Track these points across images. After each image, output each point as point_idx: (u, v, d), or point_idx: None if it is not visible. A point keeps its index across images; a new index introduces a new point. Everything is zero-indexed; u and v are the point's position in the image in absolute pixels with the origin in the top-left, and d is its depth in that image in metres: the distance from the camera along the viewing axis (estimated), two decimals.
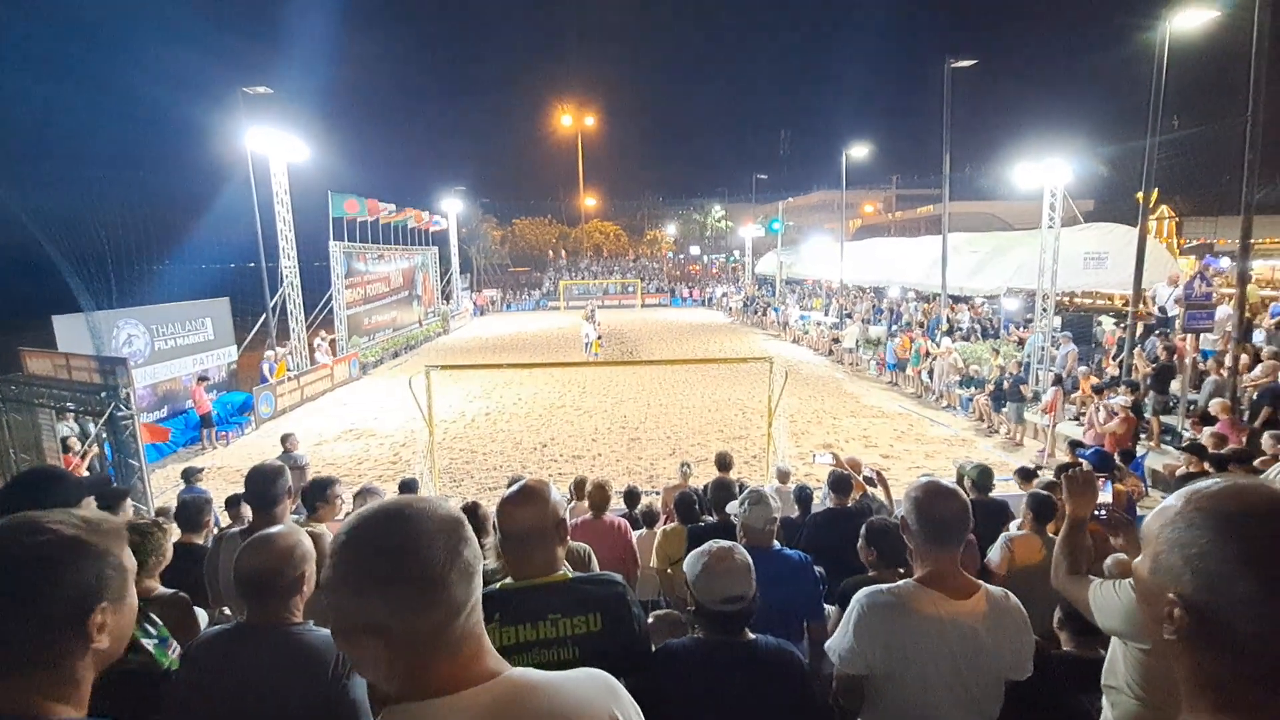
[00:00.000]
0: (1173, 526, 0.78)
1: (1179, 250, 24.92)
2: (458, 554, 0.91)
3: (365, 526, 0.90)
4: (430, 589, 0.88)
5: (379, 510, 0.93)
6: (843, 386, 16.25)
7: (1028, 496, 3.86)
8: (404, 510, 0.92)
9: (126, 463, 8.00)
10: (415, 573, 0.87)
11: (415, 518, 0.91)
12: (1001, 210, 38.03)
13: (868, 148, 26.52)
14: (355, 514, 0.93)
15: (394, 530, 0.89)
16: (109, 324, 11.98)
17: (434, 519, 0.92)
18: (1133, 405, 9.12)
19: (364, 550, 0.88)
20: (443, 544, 0.90)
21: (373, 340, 22.22)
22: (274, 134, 15.91)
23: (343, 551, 0.89)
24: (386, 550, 0.88)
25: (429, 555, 0.88)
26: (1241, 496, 0.75)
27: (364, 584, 0.87)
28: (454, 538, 0.92)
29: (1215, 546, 0.73)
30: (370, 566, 0.87)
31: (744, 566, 1.80)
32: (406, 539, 0.89)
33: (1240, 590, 0.71)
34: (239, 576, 1.88)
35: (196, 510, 4.08)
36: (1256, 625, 0.70)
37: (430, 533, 0.90)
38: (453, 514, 0.95)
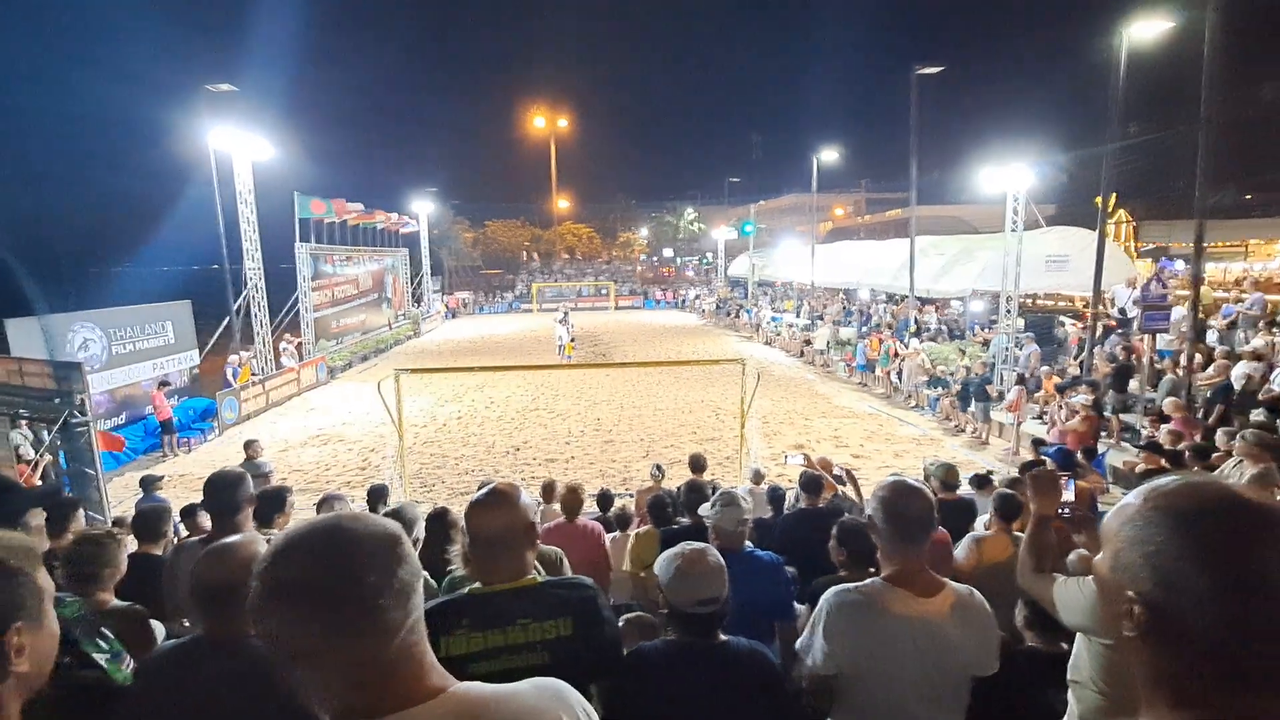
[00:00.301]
0: (1131, 524, 0.78)
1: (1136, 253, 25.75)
2: (392, 574, 0.86)
3: (292, 549, 0.85)
4: (363, 613, 0.83)
5: (307, 531, 0.88)
6: (814, 387, 16.42)
7: (993, 496, 3.94)
8: (333, 530, 0.87)
9: (82, 471, 7.72)
10: (346, 597, 0.83)
11: (345, 538, 0.86)
12: (967, 214, 38.86)
13: (838, 152, 26.97)
14: (282, 535, 0.89)
15: (323, 552, 0.85)
16: (64, 328, 11.56)
17: (366, 538, 0.87)
18: (1093, 404, 9.38)
19: (291, 575, 0.83)
20: (376, 565, 0.86)
21: (341, 344, 21.84)
22: (238, 133, 15.55)
23: (268, 576, 0.84)
24: (315, 574, 0.83)
25: (361, 578, 0.84)
26: (1197, 494, 0.76)
27: (292, 610, 0.82)
28: (388, 557, 0.87)
29: (1171, 544, 0.74)
30: (298, 592, 0.82)
31: (716, 569, 1.80)
32: (336, 561, 0.84)
33: (1195, 587, 0.71)
34: (197, 587, 1.81)
35: (155, 519, 3.94)
36: (1211, 622, 0.71)
37: (362, 554, 0.85)
38: (387, 531, 0.90)
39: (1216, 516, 0.73)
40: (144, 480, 7.17)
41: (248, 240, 16.12)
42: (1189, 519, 0.74)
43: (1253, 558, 0.70)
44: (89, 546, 2.68)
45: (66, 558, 2.66)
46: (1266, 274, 23.13)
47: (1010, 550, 3.67)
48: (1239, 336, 10.62)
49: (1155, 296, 9.43)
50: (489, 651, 1.55)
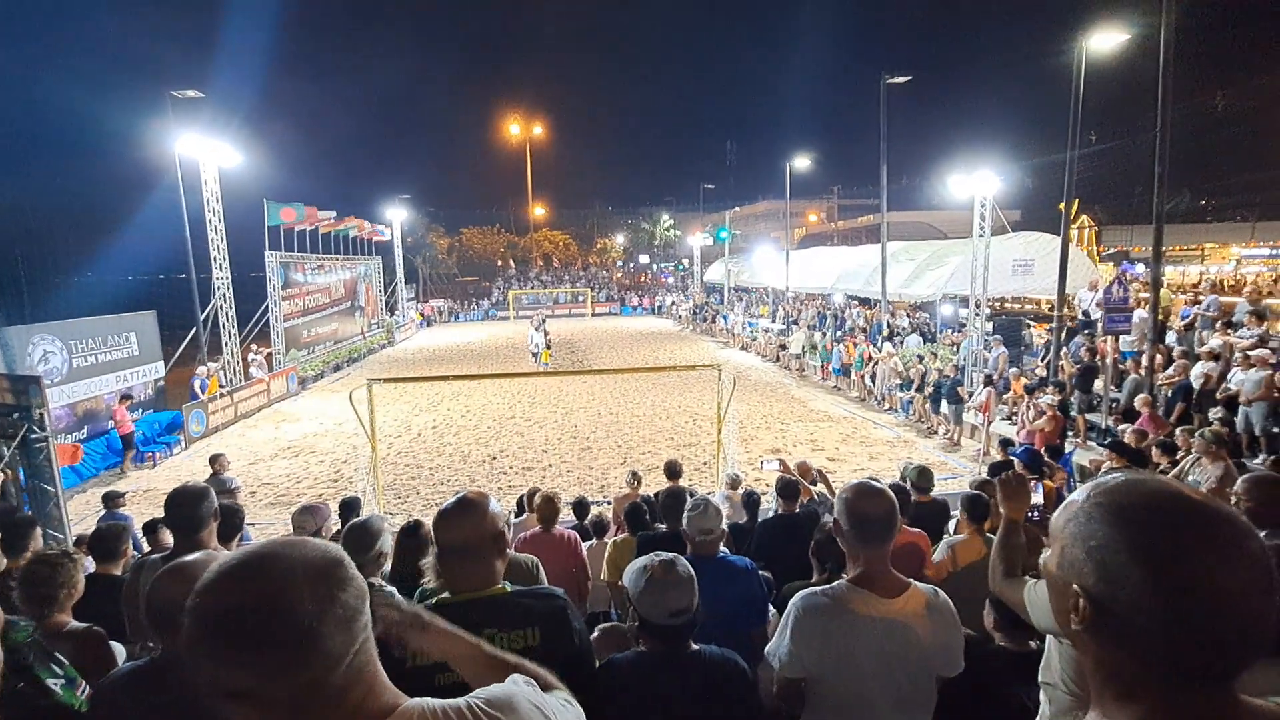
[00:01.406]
0: (1075, 520, 0.80)
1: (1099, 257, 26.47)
2: (332, 600, 0.82)
3: (221, 582, 0.80)
4: (300, 647, 0.78)
5: (238, 562, 0.82)
6: (790, 392, 16.55)
7: (961, 497, 4.00)
8: (265, 560, 0.82)
9: (41, 488, 7.46)
10: (281, 632, 0.78)
11: (279, 567, 0.81)
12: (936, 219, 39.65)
13: (810, 159, 27.37)
14: (213, 567, 0.83)
15: (254, 585, 0.79)
16: (23, 340, 11.19)
17: (301, 565, 0.82)
18: (1060, 404, 9.59)
19: (221, 611, 0.78)
20: (312, 593, 0.80)
21: (312, 353, 21.48)
22: (205, 139, 15.26)
23: (198, 612, 0.78)
24: (247, 609, 0.77)
25: (296, 609, 0.78)
26: (1136, 490, 0.77)
27: (223, 649, 0.77)
28: (327, 583, 0.82)
29: (1110, 538, 0.75)
30: (229, 629, 0.77)
31: (686, 580, 1.79)
32: (269, 594, 0.79)
33: (1134, 581, 0.73)
34: (153, 607, 1.76)
35: (113, 538, 3.81)
36: (1150, 616, 0.72)
37: (297, 583, 0.80)
38: (326, 555, 0.86)
39: (1155, 512, 0.75)
40: (106, 496, 6.98)
41: (215, 249, 15.80)
42: (1126, 513, 0.76)
43: (1189, 553, 0.72)
44: (44, 568, 2.60)
45: (22, 579, 2.58)
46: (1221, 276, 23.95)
47: (983, 551, 3.73)
48: (1196, 337, 10.95)
49: (1117, 299, 9.69)
50: None
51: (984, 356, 13.26)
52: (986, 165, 14.09)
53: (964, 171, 14.51)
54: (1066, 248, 12.24)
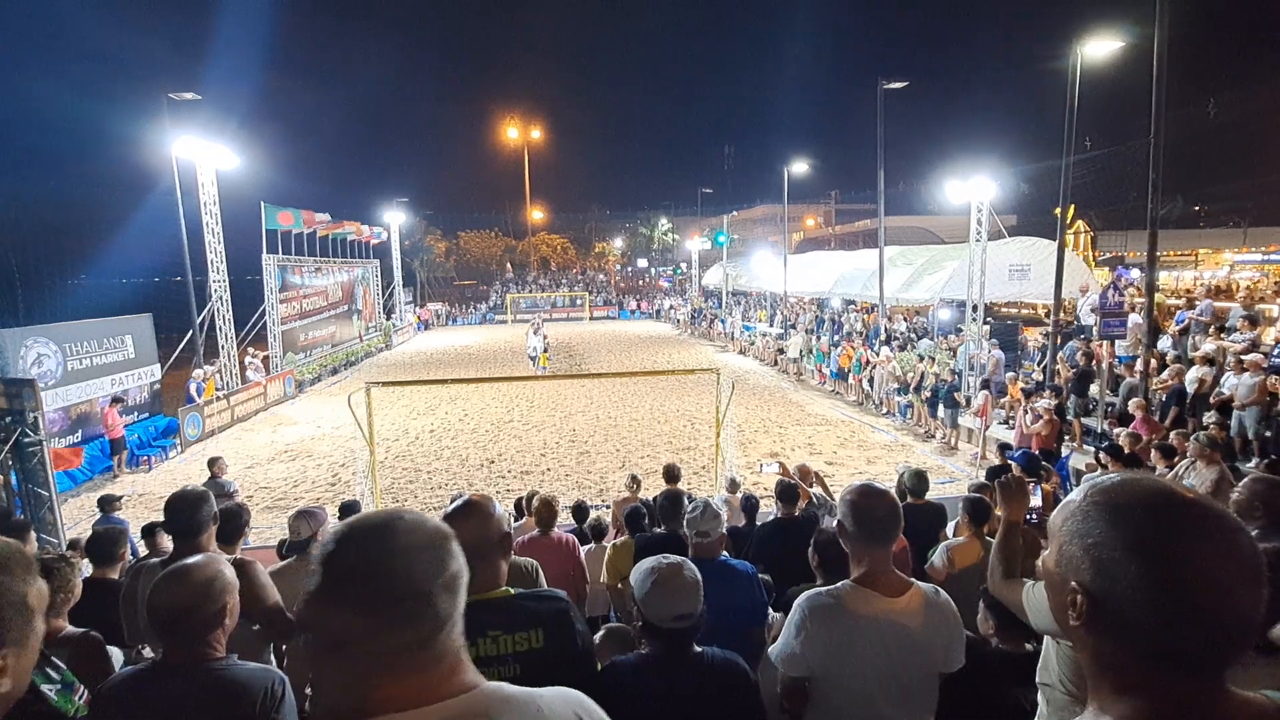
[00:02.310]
0: (1073, 519, 0.82)
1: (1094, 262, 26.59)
2: (444, 568, 0.91)
3: (352, 538, 0.89)
4: (415, 603, 0.87)
5: (366, 522, 0.92)
6: (788, 396, 16.57)
7: (963, 500, 4.01)
8: (391, 523, 0.91)
9: (34, 492, 7.42)
10: (401, 587, 0.87)
11: (403, 531, 0.90)
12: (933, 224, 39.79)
13: (808, 163, 27.39)
14: (344, 524, 0.92)
15: (381, 543, 0.88)
16: (16, 343, 11.14)
17: (421, 532, 0.91)
18: (1056, 408, 9.62)
19: (351, 562, 0.87)
20: (429, 558, 0.90)
21: (309, 357, 21.43)
22: (202, 142, 15.25)
23: (329, 563, 0.88)
24: (373, 563, 0.87)
25: (416, 569, 0.88)
26: (1132, 488, 0.80)
27: (348, 598, 0.86)
28: (441, 551, 0.91)
29: (1107, 535, 0.78)
30: (357, 580, 0.86)
31: (692, 584, 1.80)
32: (394, 552, 0.88)
33: (1129, 576, 0.75)
34: (153, 612, 1.76)
35: (110, 542, 3.80)
36: (1143, 610, 0.75)
37: (417, 546, 0.89)
38: (440, 528, 0.95)
39: (1150, 510, 0.77)
40: (102, 500, 6.94)
41: (212, 252, 15.76)
42: (1122, 511, 0.78)
43: (1183, 549, 0.74)
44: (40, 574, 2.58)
45: None
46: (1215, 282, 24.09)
47: (980, 555, 3.73)
48: (1190, 342, 11.01)
49: (1112, 304, 9.73)
50: None
51: (981, 361, 13.30)
52: (983, 171, 14.16)
53: (960, 177, 14.57)
54: (1063, 252, 12.30)
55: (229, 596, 1.83)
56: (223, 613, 1.81)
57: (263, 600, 2.61)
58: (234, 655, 1.85)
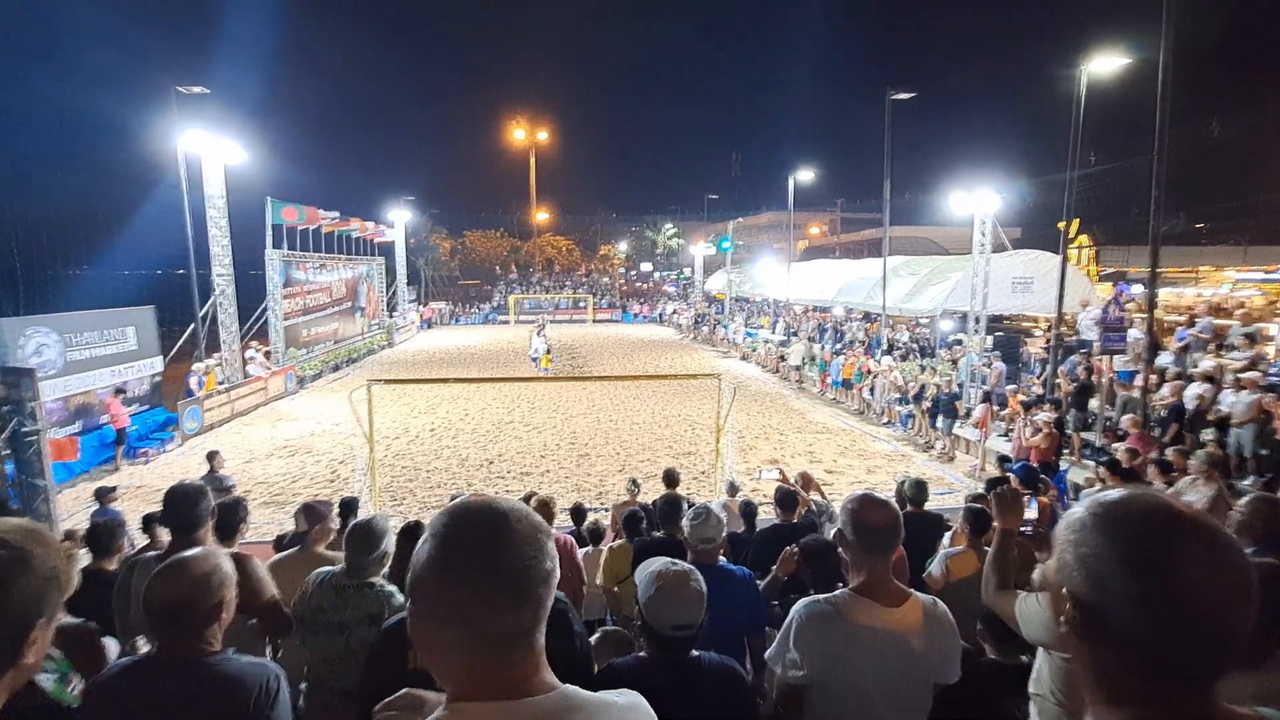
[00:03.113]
0: (1072, 530, 0.85)
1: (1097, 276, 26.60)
2: (546, 555, 0.92)
3: (470, 517, 0.91)
4: (526, 588, 0.89)
5: (482, 505, 0.94)
6: (789, 403, 16.57)
7: (964, 510, 4.01)
8: (504, 509, 0.93)
9: (30, 483, 7.43)
10: (516, 570, 0.88)
11: (515, 518, 0.92)
12: (937, 235, 39.83)
13: (814, 172, 27.48)
14: (458, 503, 0.95)
15: (499, 526, 0.90)
16: (14, 332, 11.14)
17: (529, 522, 0.93)
18: (1055, 421, 9.61)
19: (470, 540, 0.89)
20: (538, 549, 0.91)
21: (311, 353, 21.43)
22: (209, 136, 15.28)
23: (447, 538, 0.90)
24: (492, 543, 0.89)
25: (529, 555, 0.89)
26: (1129, 503, 0.82)
27: (465, 572, 0.87)
28: (540, 543, 0.93)
29: (1101, 547, 0.80)
30: (475, 556, 0.88)
31: (697, 595, 1.80)
32: (510, 536, 0.90)
33: (1120, 588, 0.77)
34: (150, 604, 1.76)
35: (108, 533, 3.82)
36: (1134, 620, 0.76)
37: (529, 534, 0.91)
38: (542, 522, 0.96)
39: (1146, 524, 0.79)
40: (98, 492, 6.94)
41: (216, 245, 15.78)
42: (1118, 525, 0.80)
43: (1174, 561, 0.76)
44: None
45: None
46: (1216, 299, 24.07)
47: (978, 565, 3.73)
48: (1190, 359, 11.01)
49: (1113, 319, 9.73)
50: None
51: (983, 372, 13.31)
52: (988, 183, 14.19)
53: (965, 189, 14.60)
54: (1065, 266, 12.31)
55: (226, 590, 1.83)
56: (220, 607, 1.81)
57: (260, 595, 2.61)
58: (230, 649, 1.85)
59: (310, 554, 3.45)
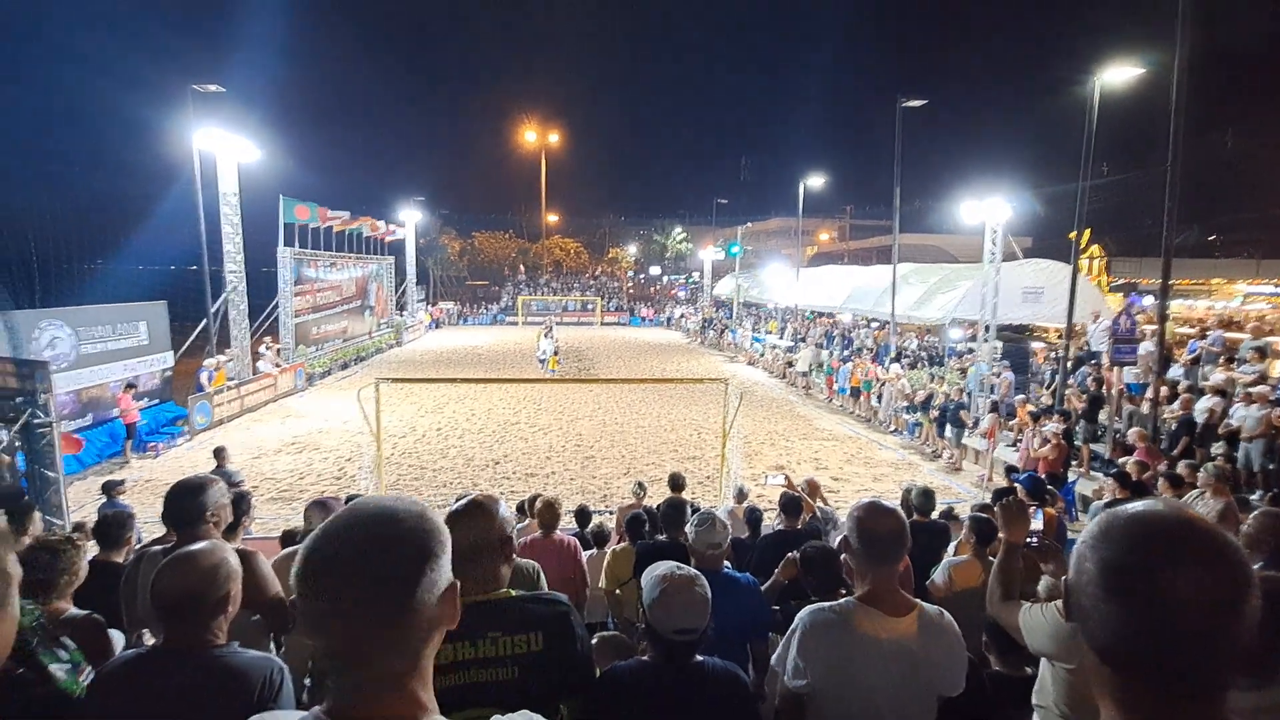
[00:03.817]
0: (1084, 532, 0.85)
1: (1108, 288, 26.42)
2: (438, 561, 0.89)
3: (352, 516, 0.88)
4: (385, 599, 0.84)
5: (368, 507, 0.91)
6: (795, 409, 16.53)
7: (969, 519, 3.98)
8: (388, 513, 0.89)
9: (42, 474, 7.49)
10: (376, 577, 0.84)
11: (396, 520, 0.89)
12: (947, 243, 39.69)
13: (824, 178, 27.45)
14: (355, 502, 0.93)
15: (371, 529, 0.87)
16: (29, 324, 11.26)
17: (414, 539, 0.89)
18: (1064, 433, 9.55)
19: (338, 538, 0.85)
20: (425, 551, 0.88)
21: (320, 350, 21.56)
22: (224, 134, 15.42)
23: (320, 550, 0.85)
24: (361, 546, 0.85)
25: (395, 567, 0.85)
26: (1134, 508, 0.81)
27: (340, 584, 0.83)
28: (438, 546, 0.90)
29: (1085, 544, 0.81)
30: (349, 567, 0.84)
31: (702, 600, 1.79)
32: (381, 542, 0.86)
33: (1090, 583, 0.78)
34: (157, 596, 1.77)
35: (117, 526, 3.83)
36: (1101, 619, 0.77)
37: (413, 538, 0.88)
38: (426, 548, 0.90)
39: (1131, 523, 0.79)
40: (106, 485, 6.98)
41: (229, 242, 15.90)
42: (1112, 525, 0.80)
43: (1143, 561, 0.75)
44: (44, 553, 2.61)
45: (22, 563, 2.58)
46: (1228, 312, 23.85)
47: (982, 576, 3.70)
48: (1201, 372, 10.92)
49: (1124, 330, 9.66)
50: (458, 664, 1.53)
51: (991, 382, 13.23)
52: (999, 192, 14.14)
53: (976, 197, 14.55)
54: (1076, 278, 12.24)
55: (233, 584, 1.85)
56: (226, 600, 1.82)
57: (264, 591, 2.61)
58: (235, 643, 1.86)
59: None
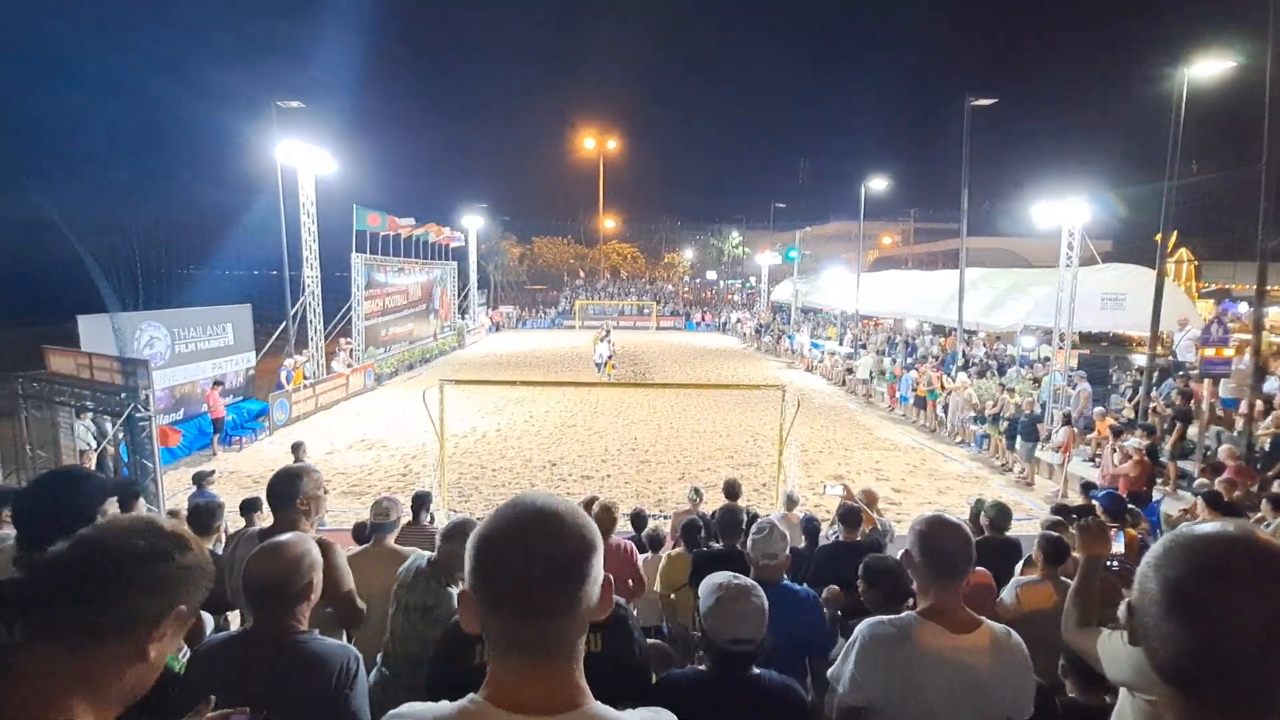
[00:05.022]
0: (1149, 552, 0.84)
1: (1197, 294, 24.69)
2: (591, 568, 0.92)
3: (526, 507, 0.92)
4: (564, 588, 0.88)
5: (541, 499, 0.94)
6: (855, 418, 16.14)
7: (1039, 538, 3.81)
8: (560, 508, 0.93)
9: (141, 464, 8.10)
10: (558, 566, 0.88)
11: (568, 519, 0.92)
12: (1019, 246, 37.95)
13: (886, 180, 26.69)
14: (522, 493, 0.97)
15: (549, 521, 0.90)
16: (132, 326, 12.20)
17: (582, 532, 0.92)
18: (1148, 449, 8.99)
19: (518, 527, 0.90)
20: (583, 557, 0.91)
21: (388, 352, 22.44)
22: (304, 147, 16.29)
23: (499, 520, 0.91)
24: (540, 536, 0.89)
25: (573, 557, 0.89)
26: (1190, 532, 0.80)
27: (507, 556, 0.88)
28: (591, 559, 0.92)
29: (1151, 578, 0.79)
30: (519, 543, 0.88)
31: (758, 610, 1.80)
32: (559, 534, 0.90)
33: (1152, 602, 0.77)
34: (248, 583, 1.91)
35: (208, 514, 4.14)
36: (1162, 640, 0.75)
37: (577, 542, 0.91)
38: (595, 539, 0.94)
39: (1200, 540, 0.77)
40: (196, 475, 7.48)
41: (307, 249, 16.78)
42: (1180, 544, 0.78)
43: (1207, 583, 0.73)
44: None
45: None
46: None
47: (1054, 598, 3.54)
48: None
49: (1216, 339, 9.03)
50: None
51: (1067, 393, 12.59)
52: (1076, 193, 13.44)
53: (1052, 198, 13.88)
54: (1162, 283, 11.50)
55: (315, 573, 1.97)
56: (309, 588, 1.94)
57: (339, 585, 2.73)
58: (315, 630, 1.99)
59: (382, 548, 3.62)
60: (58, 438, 9.24)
